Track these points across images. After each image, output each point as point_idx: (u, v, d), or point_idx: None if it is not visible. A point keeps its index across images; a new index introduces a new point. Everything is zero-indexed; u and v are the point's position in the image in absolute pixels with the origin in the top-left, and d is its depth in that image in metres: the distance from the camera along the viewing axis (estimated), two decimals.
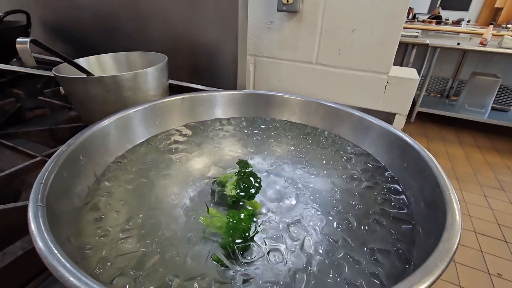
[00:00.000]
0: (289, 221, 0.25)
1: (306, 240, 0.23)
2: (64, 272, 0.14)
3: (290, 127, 0.41)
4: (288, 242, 0.23)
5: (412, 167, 0.28)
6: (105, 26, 0.71)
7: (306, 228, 0.24)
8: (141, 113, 0.34)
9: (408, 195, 0.27)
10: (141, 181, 0.29)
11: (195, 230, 0.24)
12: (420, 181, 0.25)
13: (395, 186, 0.29)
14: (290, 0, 0.61)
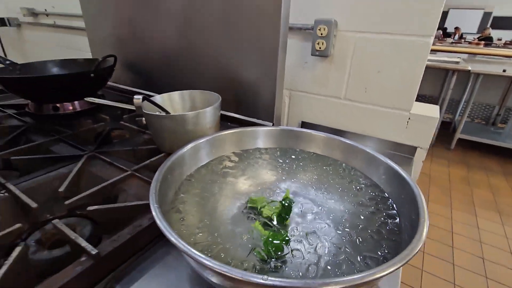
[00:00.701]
0: (307, 231, 0.35)
1: (318, 245, 0.33)
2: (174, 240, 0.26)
3: (315, 158, 0.51)
4: (306, 245, 0.33)
5: (406, 198, 0.36)
6: (169, 66, 0.88)
7: (320, 237, 0.34)
8: (204, 143, 0.47)
9: (401, 220, 0.36)
10: (204, 194, 0.41)
11: (243, 231, 0.35)
12: (410, 210, 0.34)
13: (393, 212, 0.37)
14: (323, 47, 0.72)
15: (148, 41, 0.90)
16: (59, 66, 0.88)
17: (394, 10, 0.64)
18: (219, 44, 0.76)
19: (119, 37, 0.97)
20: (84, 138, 0.69)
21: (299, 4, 0.75)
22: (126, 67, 0.99)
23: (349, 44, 0.72)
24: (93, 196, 0.46)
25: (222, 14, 0.72)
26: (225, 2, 0.71)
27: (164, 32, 0.85)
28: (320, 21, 0.71)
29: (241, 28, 0.71)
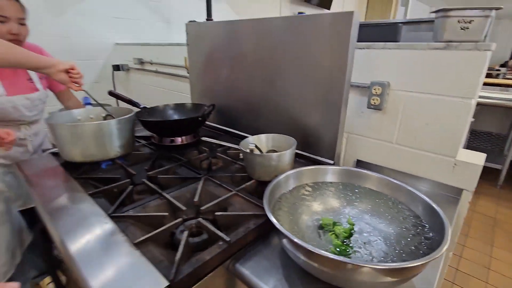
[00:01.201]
0: (364, 241, 0.53)
1: (373, 251, 0.50)
2: (281, 229, 0.47)
3: (370, 192, 0.68)
4: (363, 250, 0.50)
5: (439, 226, 0.52)
6: (252, 111, 1.15)
7: (373, 246, 0.51)
8: (291, 175, 0.69)
9: (434, 241, 0.51)
10: (291, 211, 0.62)
11: (319, 237, 0.54)
12: (440, 235, 0.50)
13: (429, 235, 0.53)
14: (377, 102, 0.91)
15: (237, 92, 1.19)
16: (174, 109, 1.22)
17: (437, 76, 0.80)
18: (293, 96, 1.00)
19: (214, 88, 1.29)
20: (195, 164, 0.96)
21: (359, 68, 0.95)
22: (218, 110, 1.29)
23: (399, 100, 0.89)
24: (214, 206, 0.70)
25: (297, 73, 0.96)
26: (300, 64, 0.94)
27: (250, 86, 1.13)
28: (375, 83, 0.90)
29: (312, 85, 0.93)
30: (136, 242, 0.55)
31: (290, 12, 4.25)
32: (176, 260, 0.50)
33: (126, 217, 0.64)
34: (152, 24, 2.79)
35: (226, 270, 0.59)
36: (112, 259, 0.51)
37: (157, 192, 0.75)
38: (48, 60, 0.86)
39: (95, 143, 0.88)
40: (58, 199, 0.71)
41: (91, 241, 0.56)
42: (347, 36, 0.78)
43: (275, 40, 0.99)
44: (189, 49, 1.38)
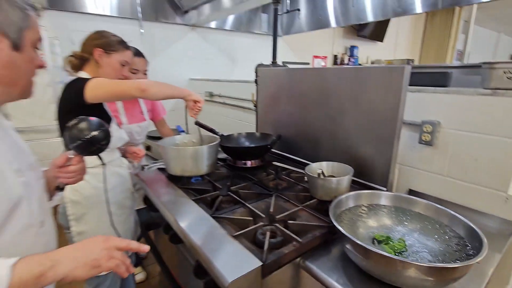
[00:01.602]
0: (413, 251, 0.66)
1: (419, 259, 0.63)
2: (346, 234, 0.63)
3: (419, 215, 0.80)
4: (411, 258, 0.64)
5: (478, 244, 0.63)
6: (313, 141, 1.34)
7: (421, 257, 0.64)
8: (351, 196, 0.85)
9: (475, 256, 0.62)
10: (350, 224, 0.78)
11: (373, 243, 0.69)
12: (475, 242, 0.61)
13: (470, 252, 0.64)
14: (428, 139, 1.03)
15: (298, 124, 1.40)
16: (245, 137, 1.48)
17: (485, 118, 0.91)
18: (350, 130, 1.17)
19: (278, 120, 1.52)
20: (264, 183, 1.17)
21: (412, 107, 1.08)
22: (281, 139, 1.51)
23: (450, 138, 1.00)
24: (286, 216, 0.89)
25: (354, 111, 1.14)
26: (357, 104, 1.12)
27: (311, 120, 1.33)
28: (426, 121, 1.03)
29: (367, 121, 1.09)
30: (234, 235, 0.77)
31: (342, 46, 4.47)
32: (265, 250, 0.70)
33: (222, 218, 0.87)
34: (221, 62, 3.26)
35: (297, 266, 0.76)
36: (220, 244, 0.74)
37: (240, 203, 0.98)
38: (187, 91, 1.17)
39: (192, 162, 1.15)
40: (174, 201, 0.98)
41: (205, 231, 0.79)
42: (399, 84, 0.95)
43: (332, 85, 1.19)
44: (258, 87, 1.66)
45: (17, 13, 0.56)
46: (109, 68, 1.18)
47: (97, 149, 0.74)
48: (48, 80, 2.09)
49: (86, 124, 0.71)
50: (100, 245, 0.57)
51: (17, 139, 0.67)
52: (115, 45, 1.18)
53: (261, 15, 3.39)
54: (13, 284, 0.46)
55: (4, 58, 0.56)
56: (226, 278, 0.61)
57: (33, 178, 0.66)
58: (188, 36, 2.97)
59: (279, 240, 0.79)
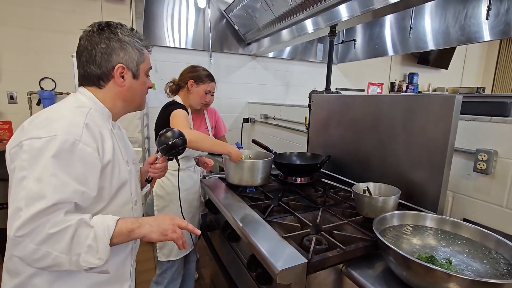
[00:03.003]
0: (457, 270, 0.69)
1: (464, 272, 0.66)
2: (390, 245, 0.70)
3: (467, 240, 0.82)
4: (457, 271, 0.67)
5: None
6: (362, 163, 1.40)
7: (466, 272, 0.67)
8: (395, 215, 0.90)
9: None
10: (393, 240, 0.83)
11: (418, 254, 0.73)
12: None
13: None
14: (483, 167, 1.03)
15: (348, 147, 1.48)
16: (296, 156, 1.61)
17: None
18: (400, 155, 1.21)
19: (328, 142, 1.62)
20: (312, 199, 1.27)
21: (467, 135, 1.10)
22: (330, 159, 1.60)
23: (509, 168, 0.98)
24: (331, 227, 0.97)
25: (404, 137, 1.19)
26: (407, 130, 1.17)
27: (361, 144, 1.40)
28: (481, 150, 1.03)
29: (418, 147, 1.13)
30: (284, 236, 0.88)
31: (400, 74, 4.38)
32: (311, 250, 0.80)
33: (274, 222, 1.00)
34: (277, 87, 3.50)
35: (340, 272, 0.84)
36: (271, 241, 0.86)
37: (289, 212, 1.09)
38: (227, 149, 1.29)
39: (248, 173, 1.32)
40: (232, 204, 1.15)
41: (259, 230, 0.93)
42: (450, 112, 0.99)
43: (383, 111, 1.26)
44: (310, 111, 1.79)
45: (136, 52, 0.81)
46: (196, 95, 1.55)
47: (176, 152, 0.92)
48: None
49: (171, 133, 0.91)
50: (169, 221, 0.77)
51: (128, 142, 0.95)
52: (204, 78, 1.55)
53: (317, 44, 3.59)
54: (116, 231, 0.68)
55: (128, 84, 0.81)
56: (277, 267, 0.73)
57: (134, 169, 0.90)
58: (248, 64, 3.30)
59: (324, 248, 0.88)
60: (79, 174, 0.66)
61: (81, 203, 0.68)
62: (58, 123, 0.66)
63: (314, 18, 2.11)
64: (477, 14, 2.24)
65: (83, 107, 0.75)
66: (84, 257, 0.63)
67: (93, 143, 0.70)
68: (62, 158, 0.64)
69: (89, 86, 0.80)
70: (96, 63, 0.76)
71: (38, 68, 2.45)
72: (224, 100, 3.19)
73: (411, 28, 2.74)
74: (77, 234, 0.63)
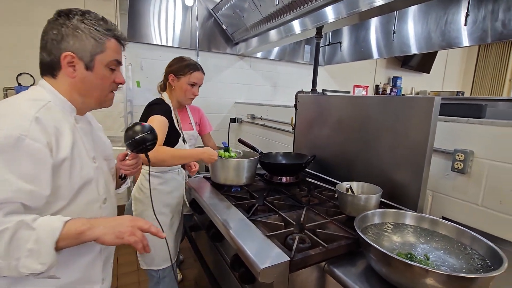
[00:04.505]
0: (435, 265, 0.71)
1: (440, 267, 0.68)
2: (370, 242, 0.71)
3: (444, 237, 0.84)
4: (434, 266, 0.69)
5: (495, 258, 0.66)
6: (345, 162, 1.42)
7: (443, 268, 0.69)
8: (377, 213, 0.92)
9: (493, 268, 0.65)
10: (374, 237, 0.84)
11: (397, 251, 0.75)
12: (497, 264, 0.64)
13: (490, 268, 0.67)
14: (460, 167, 1.06)
15: (333, 147, 1.50)
16: (282, 156, 1.61)
17: None
18: (383, 155, 1.23)
19: (314, 142, 1.64)
20: (297, 198, 1.28)
21: (445, 136, 1.13)
22: (316, 159, 1.61)
23: (483, 167, 1.02)
24: (315, 226, 0.98)
25: (387, 137, 1.21)
26: (389, 131, 1.19)
27: (345, 144, 1.42)
28: (459, 150, 1.07)
29: (399, 147, 1.16)
30: (267, 235, 0.88)
31: (385, 77, 4.48)
32: (294, 249, 0.80)
33: (258, 221, 0.99)
34: (264, 88, 3.51)
35: (322, 270, 0.84)
36: (255, 240, 0.85)
37: (274, 211, 1.09)
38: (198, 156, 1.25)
39: (233, 173, 1.31)
40: (217, 204, 1.14)
41: (243, 229, 0.92)
42: (429, 114, 1.02)
43: (368, 112, 1.29)
44: (297, 111, 1.80)
45: (91, 41, 0.72)
46: (179, 90, 1.43)
47: (144, 148, 0.83)
48: (120, 98, 2.48)
49: (139, 127, 0.82)
50: (127, 223, 0.68)
51: (101, 136, 0.91)
52: (183, 70, 1.41)
53: (304, 46, 3.62)
54: (63, 233, 0.61)
55: (79, 75, 0.73)
56: (259, 265, 0.72)
57: (105, 166, 0.86)
58: (236, 64, 3.29)
59: (307, 246, 0.89)
60: (25, 172, 0.61)
61: (30, 203, 0.62)
62: (6, 117, 0.62)
63: (301, 19, 2.13)
64: (456, 20, 2.33)
65: (39, 100, 0.69)
66: (24, 262, 0.57)
67: (44, 139, 0.64)
68: (4, 154, 0.59)
69: (45, 76, 0.75)
70: (47, 50, 0.72)
71: (16, 63, 2.35)
72: (212, 100, 3.17)
73: (395, 31, 2.81)
74: (16, 237, 0.57)
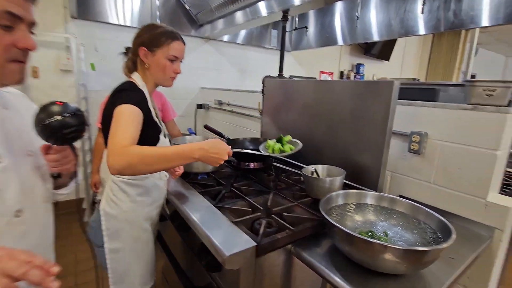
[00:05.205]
0: (392, 241, 0.75)
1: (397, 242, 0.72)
2: (332, 221, 0.73)
3: (401, 214, 0.89)
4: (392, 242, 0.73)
5: (445, 231, 0.71)
6: (313, 147, 1.44)
7: (400, 243, 0.73)
8: (341, 194, 0.94)
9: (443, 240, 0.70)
10: (338, 218, 0.87)
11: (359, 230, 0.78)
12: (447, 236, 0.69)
13: (441, 240, 0.72)
14: (416, 148, 1.12)
15: (300, 132, 1.51)
16: (250, 141, 1.59)
17: (466, 130, 1.00)
18: (348, 138, 1.27)
19: (281, 127, 1.63)
20: (264, 183, 1.27)
21: (403, 119, 1.18)
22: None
23: (436, 148, 1.09)
24: (282, 209, 0.98)
25: (351, 121, 1.24)
26: (353, 115, 1.22)
27: (312, 128, 1.44)
28: (414, 132, 1.13)
29: (362, 131, 1.19)
30: (233, 221, 0.87)
31: (349, 64, 4.62)
32: (260, 233, 0.80)
33: (225, 208, 0.97)
34: (232, 73, 3.43)
35: (289, 253, 0.85)
36: (220, 227, 0.83)
37: (241, 197, 1.08)
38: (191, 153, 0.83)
39: None
40: (182, 192, 1.09)
41: (209, 217, 0.89)
42: (388, 97, 1.06)
43: (332, 96, 1.30)
44: (264, 97, 1.78)
45: None
46: (156, 68, 1.02)
47: (62, 138, 0.63)
48: (71, 82, 2.26)
49: (54, 108, 0.61)
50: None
51: (24, 125, 0.65)
52: (159, 39, 1.00)
53: (271, 31, 3.58)
54: None
55: None
56: (224, 252, 0.71)
57: (26, 164, 0.64)
58: (202, 48, 3.16)
59: (273, 230, 0.89)
60: None
61: None
62: None
63: (268, 1, 2.08)
64: (414, 8, 2.43)
65: None
66: None
67: None
68: None
69: None
70: None
71: None
72: (176, 85, 3.00)
73: (358, 17, 2.87)
74: None
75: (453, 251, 0.82)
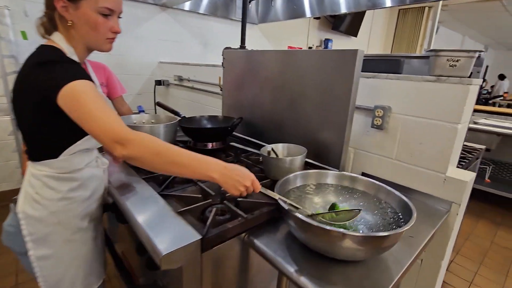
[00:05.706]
0: (353, 225, 0.68)
1: (359, 228, 0.66)
2: (282, 203, 0.64)
3: (362, 193, 0.83)
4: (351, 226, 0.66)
5: (406, 210, 0.66)
6: (274, 124, 1.34)
7: (360, 226, 0.67)
8: (299, 175, 0.86)
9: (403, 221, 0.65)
10: (296, 201, 0.79)
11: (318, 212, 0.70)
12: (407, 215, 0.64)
13: (401, 222, 0.67)
14: (379, 123, 1.07)
15: (262, 108, 1.40)
16: (207, 119, 1.45)
17: (429, 103, 0.95)
18: (310, 114, 1.18)
19: (242, 104, 1.51)
20: None
21: (366, 93, 1.12)
22: (244, 122, 1.50)
23: (398, 122, 1.05)
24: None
25: (314, 96, 1.15)
26: (316, 89, 1.13)
27: (274, 105, 1.33)
28: (378, 106, 1.06)
29: (325, 106, 1.11)
30: (178, 211, 0.75)
31: (317, 39, 4.51)
32: (207, 225, 0.69)
33: (170, 196, 0.85)
34: (192, 46, 3.16)
35: (242, 242, 0.77)
36: (162, 220, 0.72)
37: (192, 181, 0.96)
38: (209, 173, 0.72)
39: None
40: (124, 180, 0.94)
41: (148, 207, 0.77)
42: (352, 68, 0.97)
43: (296, 68, 1.19)
44: (224, 71, 1.63)
45: None
46: (85, 26, 0.76)
47: None
48: None
49: None
50: None
51: None
52: None
53: (236, 1, 3.32)
54: None
55: None
56: (161, 251, 0.60)
57: None
58: (158, 17, 2.84)
59: (226, 218, 0.79)
60: None
61: None
62: None
63: None
64: None
65: None
66: None
67: None
68: None
69: None
70: None
71: None
72: (130, 59, 2.72)
73: None
74: None
75: (413, 229, 0.79)
